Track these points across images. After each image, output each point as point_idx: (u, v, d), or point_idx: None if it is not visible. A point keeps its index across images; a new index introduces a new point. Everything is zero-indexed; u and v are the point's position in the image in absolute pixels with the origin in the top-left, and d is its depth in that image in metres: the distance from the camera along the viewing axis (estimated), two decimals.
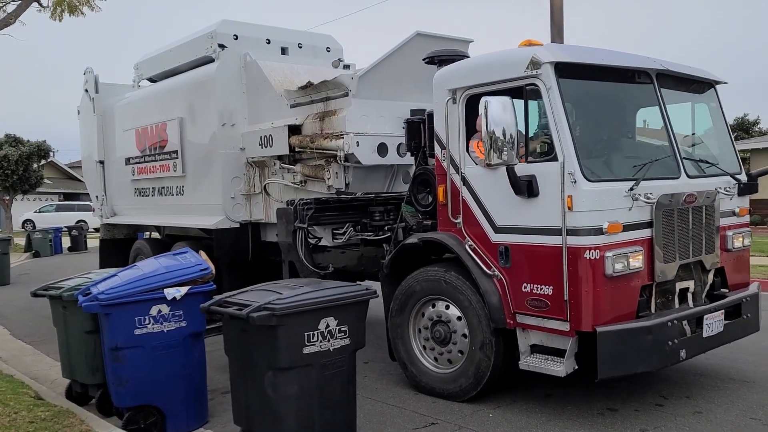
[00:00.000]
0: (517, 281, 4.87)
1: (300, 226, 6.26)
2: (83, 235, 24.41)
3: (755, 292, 5.62)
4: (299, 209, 6.32)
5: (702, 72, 5.79)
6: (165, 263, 4.97)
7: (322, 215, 6.53)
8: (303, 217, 6.28)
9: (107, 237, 11.29)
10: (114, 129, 10.42)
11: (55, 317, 5.59)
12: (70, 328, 5.36)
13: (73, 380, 5.60)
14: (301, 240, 6.32)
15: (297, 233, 6.33)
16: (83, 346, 5.26)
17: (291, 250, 6.41)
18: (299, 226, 6.26)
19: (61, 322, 5.48)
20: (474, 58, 5.62)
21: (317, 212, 6.44)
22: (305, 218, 6.28)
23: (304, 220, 6.27)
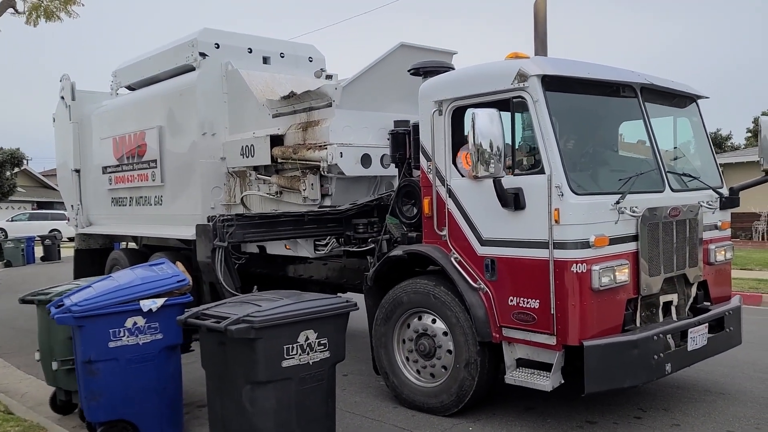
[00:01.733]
0: (504, 294, 4.81)
1: (219, 245, 5.74)
2: (57, 244, 23.90)
3: (737, 306, 5.64)
4: (218, 226, 5.82)
5: (684, 87, 5.84)
6: (141, 274, 4.83)
7: (247, 231, 6.02)
8: (223, 234, 5.78)
9: (82, 247, 11.05)
10: (91, 137, 10.22)
11: (41, 324, 5.45)
12: (54, 334, 5.19)
13: (58, 388, 5.44)
14: (221, 259, 5.79)
15: (216, 252, 5.80)
16: (68, 353, 5.08)
17: (209, 271, 5.86)
18: (218, 245, 5.74)
19: (45, 328, 5.32)
20: (461, 70, 5.60)
21: (240, 228, 5.93)
22: (225, 236, 5.77)
23: (223, 238, 5.77)
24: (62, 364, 5.17)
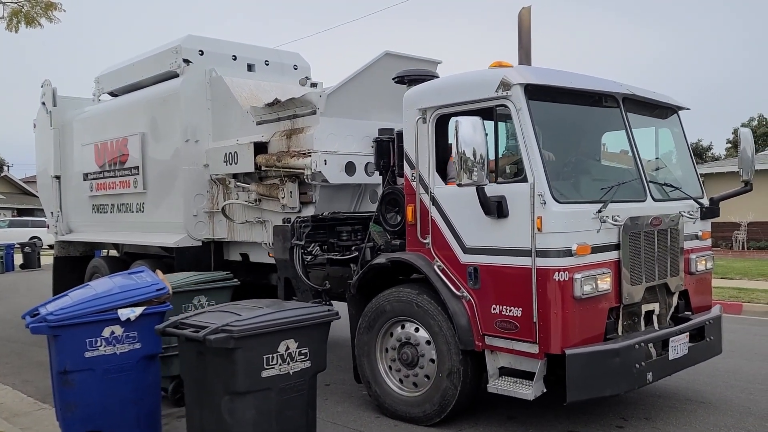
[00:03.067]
0: (486, 303, 4.80)
1: (297, 243, 6.23)
2: (37, 252, 23.56)
3: (718, 315, 5.68)
4: (296, 226, 6.31)
5: (666, 98, 5.89)
6: (120, 282, 4.75)
7: (318, 233, 6.48)
8: (300, 234, 6.27)
9: (62, 255, 10.89)
10: (72, 143, 10.10)
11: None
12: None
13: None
14: (298, 257, 6.30)
15: (294, 250, 6.29)
16: None
17: (288, 267, 6.39)
18: (296, 243, 6.24)
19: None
20: (444, 78, 5.61)
21: (314, 230, 6.41)
22: (302, 235, 6.26)
23: (301, 237, 6.26)
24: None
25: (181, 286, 5.96)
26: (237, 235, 7.68)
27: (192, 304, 6.12)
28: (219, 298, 6.33)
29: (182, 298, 5.97)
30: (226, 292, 6.55)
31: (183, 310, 5.83)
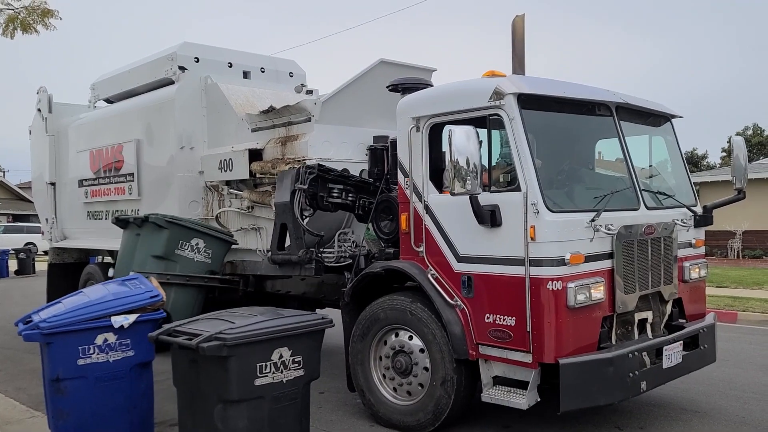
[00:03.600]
0: (480, 312, 4.80)
1: (300, 188, 6.02)
2: (31, 258, 23.48)
3: (711, 323, 5.68)
4: (302, 171, 6.08)
5: (659, 106, 5.92)
6: (113, 289, 4.75)
7: (322, 187, 6.21)
8: (305, 179, 6.03)
9: (56, 261, 10.86)
10: (67, 150, 10.09)
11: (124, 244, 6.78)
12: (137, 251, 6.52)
13: None
14: (299, 201, 6.08)
15: (296, 194, 6.05)
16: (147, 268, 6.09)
17: (286, 211, 6.12)
18: (299, 187, 6.01)
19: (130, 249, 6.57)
20: (438, 87, 5.63)
21: (317, 179, 6.14)
22: (306, 180, 6.03)
23: (305, 181, 6.03)
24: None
25: (185, 222, 6.36)
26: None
27: (189, 244, 6.39)
28: (216, 249, 6.62)
29: (182, 233, 6.37)
30: (224, 246, 6.77)
31: (179, 247, 6.52)
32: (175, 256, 6.59)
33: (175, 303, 6.37)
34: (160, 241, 6.58)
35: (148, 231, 6.70)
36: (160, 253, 6.55)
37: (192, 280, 6.58)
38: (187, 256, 6.61)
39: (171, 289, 6.33)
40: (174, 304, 6.32)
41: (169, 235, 6.59)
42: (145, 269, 6.24)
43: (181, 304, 6.45)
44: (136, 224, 6.83)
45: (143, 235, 6.72)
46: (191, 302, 6.63)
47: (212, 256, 6.81)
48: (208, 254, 6.73)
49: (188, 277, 6.55)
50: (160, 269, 6.43)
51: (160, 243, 6.57)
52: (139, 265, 6.46)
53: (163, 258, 6.56)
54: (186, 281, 6.53)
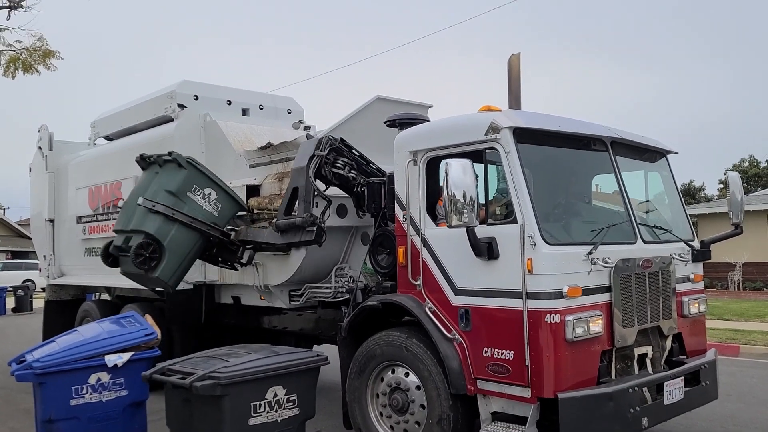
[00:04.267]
0: (478, 345, 4.75)
1: (319, 154, 6.04)
2: (29, 295, 23.34)
3: (713, 359, 5.62)
4: (324, 139, 6.13)
5: (654, 142, 5.96)
6: (108, 328, 4.73)
7: (341, 157, 6.21)
8: (324, 146, 6.09)
9: (53, 298, 10.80)
10: (67, 187, 10.12)
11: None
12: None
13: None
14: (315, 165, 6.05)
15: (313, 159, 6.06)
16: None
17: (301, 175, 6.13)
18: (319, 153, 6.04)
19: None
20: (435, 122, 5.68)
21: (335, 151, 6.16)
22: (326, 147, 6.09)
23: (324, 149, 6.08)
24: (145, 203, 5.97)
25: (204, 169, 6.22)
26: (228, 278, 7.64)
27: (203, 191, 6.49)
28: (226, 205, 6.44)
29: (199, 178, 6.34)
30: (234, 205, 6.60)
31: (192, 190, 6.44)
32: (186, 197, 6.50)
33: (172, 240, 6.28)
34: (177, 178, 6.52)
35: (167, 169, 6.65)
36: (174, 189, 6.45)
37: (195, 222, 6.46)
38: (197, 202, 6.54)
39: (173, 225, 6.27)
40: (172, 241, 6.25)
41: (187, 176, 6.53)
42: (156, 199, 6.22)
43: (177, 244, 6.34)
44: (157, 163, 6.75)
45: (161, 173, 6.67)
46: (189, 245, 6.48)
47: (220, 210, 6.70)
48: (217, 207, 6.63)
49: (193, 218, 6.45)
50: (169, 203, 6.34)
51: (176, 180, 6.51)
52: (151, 195, 6.37)
53: (174, 195, 6.47)
54: (190, 222, 6.41)
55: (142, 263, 5.97)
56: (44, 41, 12.14)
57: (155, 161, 6.76)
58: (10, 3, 11.30)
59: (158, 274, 6.09)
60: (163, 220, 6.25)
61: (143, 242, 5.94)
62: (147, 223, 6.06)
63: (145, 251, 6.03)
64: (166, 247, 6.09)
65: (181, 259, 6.32)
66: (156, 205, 6.17)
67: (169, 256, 6.19)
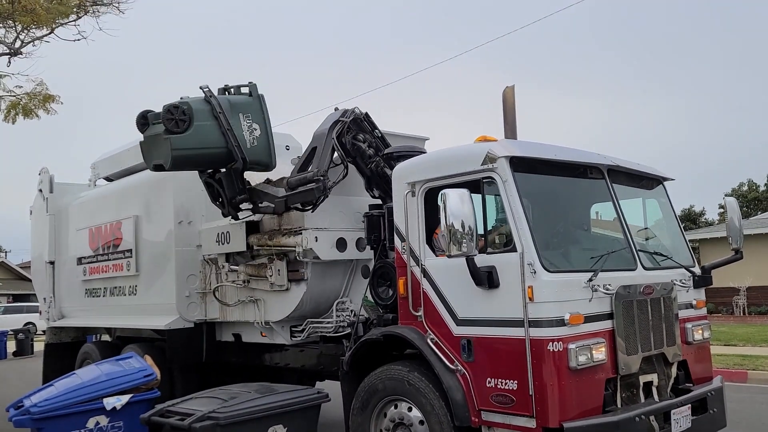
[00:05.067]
0: (481, 376, 4.70)
1: (343, 120, 6.33)
2: (30, 338, 23.14)
3: (719, 386, 5.54)
4: (349, 110, 6.45)
5: (650, 169, 6.00)
6: (106, 370, 4.68)
7: (360, 133, 6.47)
8: (349, 115, 6.40)
9: (53, 341, 10.73)
10: (67, 229, 10.15)
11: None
12: None
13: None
14: (338, 131, 6.30)
15: (337, 125, 6.33)
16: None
17: (322, 136, 6.37)
18: (342, 120, 6.34)
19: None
20: (432, 153, 5.74)
21: (358, 122, 6.46)
22: (350, 116, 6.41)
23: (349, 116, 6.38)
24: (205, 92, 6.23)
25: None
26: (229, 315, 7.60)
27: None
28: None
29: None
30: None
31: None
32: (236, 115, 6.51)
33: (203, 127, 6.31)
34: (241, 99, 6.61)
35: (239, 93, 6.70)
36: (232, 103, 6.49)
37: (229, 133, 6.42)
38: (241, 124, 6.55)
39: (212, 120, 6.33)
40: (201, 127, 6.29)
41: (250, 102, 6.63)
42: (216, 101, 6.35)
43: (203, 133, 6.33)
44: (232, 88, 6.73)
45: (233, 94, 6.69)
46: (210, 142, 6.40)
47: (253, 146, 6.59)
48: (252, 142, 6.56)
49: (230, 128, 6.41)
50: (222, 107, 6.37)
51: (239, 100, 6.60)
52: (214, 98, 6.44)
53: (230, 106, 6.50)
54: (226, 128, 6.39)
55: (168, 120, 6.11)
56: (44, 86, 12.35)
57: (232, 87, 6.81)
58: (10, 50, 11.51)
59: (172, 139, 6.16)
60: (207, 111, 6.35)
61: (179, 106, 6.10)
62: (194, 103, 6.25)
63: (175, 114, 6.15)
64: (194, 127, 6.18)
65: (196, 146, 6.32)
66: (212, 97, 6.35)
67: (190, 135, 6.23)
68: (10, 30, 11.61)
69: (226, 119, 6.37)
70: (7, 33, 11.63)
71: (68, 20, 12.29)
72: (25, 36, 11.77)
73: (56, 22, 11.80)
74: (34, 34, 11.95)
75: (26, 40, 11.79)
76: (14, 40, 11.67)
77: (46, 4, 11.23)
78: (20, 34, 11.71)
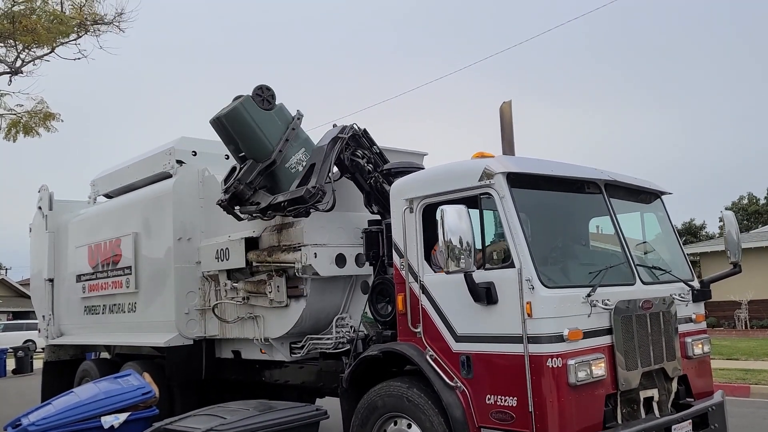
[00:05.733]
0: (481, 393, 4.68)
1: (342, 137, 6.41)
2: (29, 356, 23.04)
3: (720, 401, 5.52)
4: (347, 126, 6.51)
5: (648, 183, 6.02)
6: (105, 388, 4.67)
7: (360, 148, 6.53)
8: (348, 131, 6.47)
9: (52, 359, 10.69)
10: (66, 246, 10.16)
11: None
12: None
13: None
14: (337, 149, 6.36)
15: (337, 141, 6.39)
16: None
17: (321, 153, 6.43)
18: (341, 136, 6.40)
19: None
20: (429, 169, 5.76)
21: (357, 139, 6.52)
22: (349, 132, 6.47)
23: (347, 133, 6.46)
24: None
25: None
26: (229, 332, 7.58)
27: None
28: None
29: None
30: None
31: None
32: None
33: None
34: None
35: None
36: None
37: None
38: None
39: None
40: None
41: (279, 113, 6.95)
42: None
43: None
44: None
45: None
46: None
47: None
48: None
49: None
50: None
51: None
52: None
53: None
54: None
55: (257, 95, 6.68)
56: (44, 104, 12.44)
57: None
58: (11, 69, 11.60)
59: (246, 100, 6.66)
60: (286, 118, 6.93)
61: (271, 89, 6.74)
62: (283, 107, 6.88)
63: (264, 94, 6.74)
64: (269, 114, 6.73)
65: (257, 123, 6.69)
66: (299, 118, 6.94)
67: (261, 113, 6.69)
68: (11, 49, 11.73)
69: (293, 134, 6.85)
70: (8, 52, 11.76)
71: (68, 39, 12.41)
72: (26, 55, 11.90)
73: (57, 41, 11.91)
74: (34, 53, 12.09)
75: (27, 59, 11.92)
76: (15, 60, 11.79)
77: (47, 24, 11.35)
78: (21, 53, 11.82)
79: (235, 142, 6.92)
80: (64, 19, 11.81)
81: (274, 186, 6.79)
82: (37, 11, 11.56)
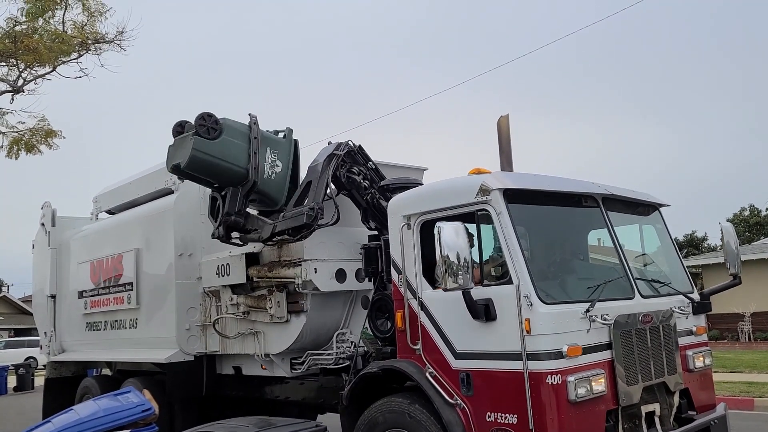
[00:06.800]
0: (481, 410, 4.67)
1: (337, 153, 6.43)
2: (31, 373, 22.97)
3: (723, 414, 5.50)
4: (343, 143, 6.55)
5: (645, 195, 6.03)
6: (104, 405, 4.67)
7: (355, 165, 6.57)
8: (343, 148, 6.51)
9: (53, 375, 10.68)
10: (69, 262, 10.19)
11: None
12: None
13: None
14: (333, 166, 6.40)
15: (332, 159, 6.44)
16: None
17: (317, 171, 6.45)
18: (337, 153, 6.44)
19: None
20: (426, 186, 5.78)
21: (352, 155, 6.55)
22: (344, 149, 6.51)
23: (343, 149, 6.49)
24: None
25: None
26: (230, 348, 7.58)
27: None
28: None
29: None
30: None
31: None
32: (265, 148, 6.81)
33: (231, 143, 6.55)
34: (273, 137, 6.97)
35: (276, 135, 7.03)
36: (267, 136, 6.86)
37: (254, 157, 6.65)
38: (266, 157, 6.81)
39: (244, 141, 6.61)
40: (230, 142, 6.54)
41: (279, 142, 6.95)
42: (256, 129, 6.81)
43: (230, 147, 6.55)
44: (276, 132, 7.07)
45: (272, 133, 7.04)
46: (232, 157, 6.58)
47: (270, 179, 6.83)
48: (270, 176, 6.80)
49: (255, 155, 6.66)
50: (256, 135, 6.74)
51: (271, 137, 6.95)
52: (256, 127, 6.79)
53: (264, 138, 6.84)
54: (252, 153, 6.65)
55: (199, 126, 6.33)
56: (46, 121, 12.53)
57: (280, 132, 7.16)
58: (13, 88, 11.71)
59: (195, 139, 6.32)
60: (241, 132, 6.62)
61: (213, 115, 6.35)
62: (231, 121, 6.56)
63: (207, 122, 6.36)
64: (222, 139, 6.41)
65: (217, 156, 6.47)
66: (255, 124, 6.67)
67: (215, 143, 6.42)
68: (13, 68, 11.84)
69: (257, 144, 6.66)
70: (10, 71, 11.87)
71: (70, 58, 12.52)
72: (28, 74, 12.01)
73: (58, 60, 12.01)
74: (36, 72, 12.19)
75: (28, 78, 12.03)
76: (17, 78, 11.90)
77: (48, 43, 11.46)
78: (23, 72, 11.93)
79: (206, 181, 6.91)
80: (65, 38, 11.93)
81: (263, 199, 6.80)
82: (39, 31, 11.70)
